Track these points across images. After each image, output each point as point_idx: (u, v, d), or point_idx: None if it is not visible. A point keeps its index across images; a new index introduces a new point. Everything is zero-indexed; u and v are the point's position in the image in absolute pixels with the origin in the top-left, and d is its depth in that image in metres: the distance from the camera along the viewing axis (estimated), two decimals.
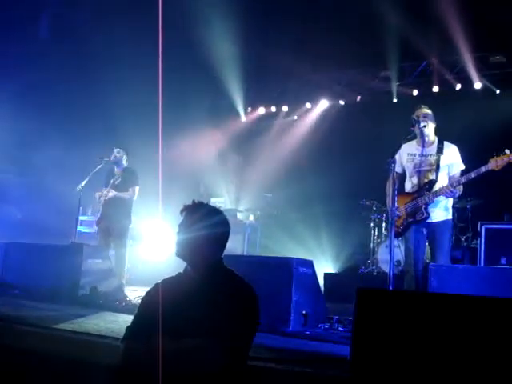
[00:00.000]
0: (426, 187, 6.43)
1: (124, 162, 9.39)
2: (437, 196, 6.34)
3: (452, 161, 6.50)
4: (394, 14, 10.78)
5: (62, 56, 12.23)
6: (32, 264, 8.08)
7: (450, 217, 6.60)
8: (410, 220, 6.47)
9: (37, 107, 12.34)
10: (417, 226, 6.47)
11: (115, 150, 9.36)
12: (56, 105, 12.51)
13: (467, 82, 12.42)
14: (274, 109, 15.31)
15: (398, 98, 13.33)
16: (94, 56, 12.08)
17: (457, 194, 6.43)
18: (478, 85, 12.35)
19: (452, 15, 10.49)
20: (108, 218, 9.11)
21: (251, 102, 15.52)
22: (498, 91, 12.31)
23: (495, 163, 5.98)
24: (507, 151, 5.98)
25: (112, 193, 9.10)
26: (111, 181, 9.28)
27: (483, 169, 6.07)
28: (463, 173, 6.41)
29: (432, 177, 6.45)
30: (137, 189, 9.22)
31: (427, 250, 6.84)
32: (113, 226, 9.07)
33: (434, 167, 6.47)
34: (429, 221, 6.42)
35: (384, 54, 12.25)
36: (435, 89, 12.70)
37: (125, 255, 9.06)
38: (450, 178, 6.46)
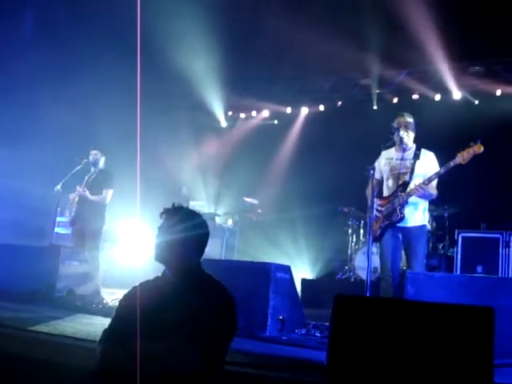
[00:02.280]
0: (400, 189, 6.48)
1: (101, 164, 9.33)
2: (410, 196, 6.38)
3: (428, 168, 6.53)
4: (376, 24, 10.85)
5: (42, 55, 12.15)
6: (8, 265, 7.99)
7: (425, 222, 6.67)
8: (387, 222, 6.50)
9: (14, 107, 12.24)
10: (393, 230, 6.49)
11: (93, 152, 9.31)
12: (34, 104, 12.41)
13: (447, 91, 12.53)
14: (254, 113, 15.32)
15: (378, 105, 13.40)
16: (75, 57, 12.03)
17: (432, 196, 6.49)
18: (457, 94, 12.45)
19: (432, 26, 10.58)
20: (81, 219, 9.04)
21: (232, 107, 15.52)
22: (476, 101, 12.40)
23: (462, 157, 6.12)
24: (471, 143, 6.13)
25: (85, 192, 9.02)
26: (86, 177, 9.21)
27: (451, 163, 6.19)
28: None
29: (406, 178, 6.50)
30: (110, 192, 9.13)
31: (403, 257, 6.87)
32: (86, 227, 9.00)
33: (409, 170, 6.53)
34: (404, 225, 6.45)
35: (365, 62, 12.32)
36: (415, 97, 12.78)
37: (98, 257, 8.98)
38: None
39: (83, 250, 8.84)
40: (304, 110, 14.61)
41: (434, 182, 6.42)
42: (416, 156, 6.59)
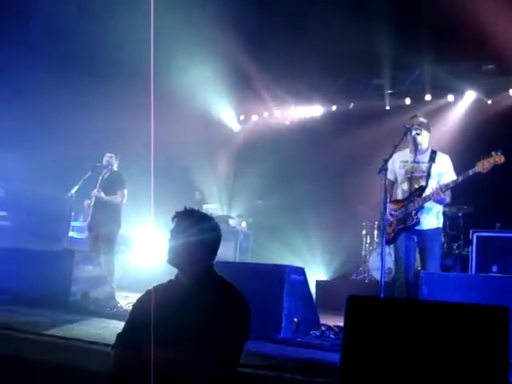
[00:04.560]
0: (416, 193, 6.44)
1: (115, 167, 9.39)
2: (426, 201, 6.35)
3: (443, 170, 6.50)
4: (387, 23, 10.83)
5: (50, 60, 12.22)
6: (23, 269, 8.02)
7: (440, 225, 6.64)
8: (401, 226, 6.47)
9: (27, 110, 12.30)
10: (407, 233, 6.47)
11: (107, 155, 9.38)
12: (47, 108, 12.47)
13: (459, 90, 12.47)
14: (266, 114, 15.31)
15: (390, 105, 13.36)
16: (84, 61, 12.08)
17: (446, 201, 6.47)
18: (469, 94, 12.39)
19: (444, 24, 10.54)
20: (97, 223, 9.08)
21: (243, 110, 15.53)
22: (489, 101, 12.32)
23: (482, 166, 6.05)
24: (493, 153, 6.06)
25: (100, 193, 9.07)
26: (99, 178, 9.26)
27: (470, 172, 6.12)
28: None
29: (422, 183, 6.47)
30: (125, 191, 9.21)
31: (418, 257, 6.84)
32: (101, 231, 9.04)
33: (425, 174, 6.49)
34: (419, 228, 6.43)
35: (377, 62, 12.28)
36: (428, 97, 12.69)
37: (113, 261, 9.01)
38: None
39: (98, 253, 8.88)
40: (316, 111, 14.59)
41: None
42: (432, 159, 6.55)
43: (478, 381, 3.18)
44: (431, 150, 6.65)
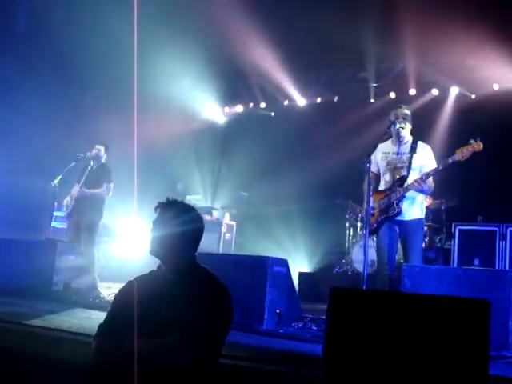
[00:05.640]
0: (397, 183, 6.49)
1: (103, 159, 9.32)
2: (407, 190, 6.39)
3: (425, 160, 6.54)
4: (371, 16, 10.83)
5: (37, 51, 12.10)
6: (4, 259, 7.95)
7: (423, 216, 6.68)
8: (383, 216, 6.51)
9: (10, 101, 12.18)
10: (389, 223, 6.50)
11: (97, 146, 9.28)
12: (30, 99, 12.35)
13: (443, 85, 12.53)
14: (251, 105, 15.29)
15: (375, 98, 13.39)
16: (71, 51, 11.97)
17: (428, 191, 6.53)
18: (453, 89, 12.46)
19: (428, 18, 10.55)
20: (78, 212, 9.00)
21: (228, 101, 15.51)
22: (473, 96, 12.38)
23: (461, 154, 6.12)
24: (471, 141, 6.13)
25: (81, 188, 8.98)
26: (87, 169, 9.16)
27: (449, 160, 6.18)
28: None
29: (404, 173, 6.51)
30: (111, 185, 9.14)
31: (400, 249, 6.87)
32: (82, 219, 8.96)
33: (406, 164, 6.53)
34: (401, 218, 6.46)
35: (361, 55, 12.29)
36: (412, 91, 12.73)
37: (93, 251, 8.95)
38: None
39: (79, 243, 8.82)
40: (301, 103, 14.59)
41: (431, 177, 6.43)
42: (413, 149, 6.59)
43: (458, 373, 3.20)
44: (412, 141, 6.68)
